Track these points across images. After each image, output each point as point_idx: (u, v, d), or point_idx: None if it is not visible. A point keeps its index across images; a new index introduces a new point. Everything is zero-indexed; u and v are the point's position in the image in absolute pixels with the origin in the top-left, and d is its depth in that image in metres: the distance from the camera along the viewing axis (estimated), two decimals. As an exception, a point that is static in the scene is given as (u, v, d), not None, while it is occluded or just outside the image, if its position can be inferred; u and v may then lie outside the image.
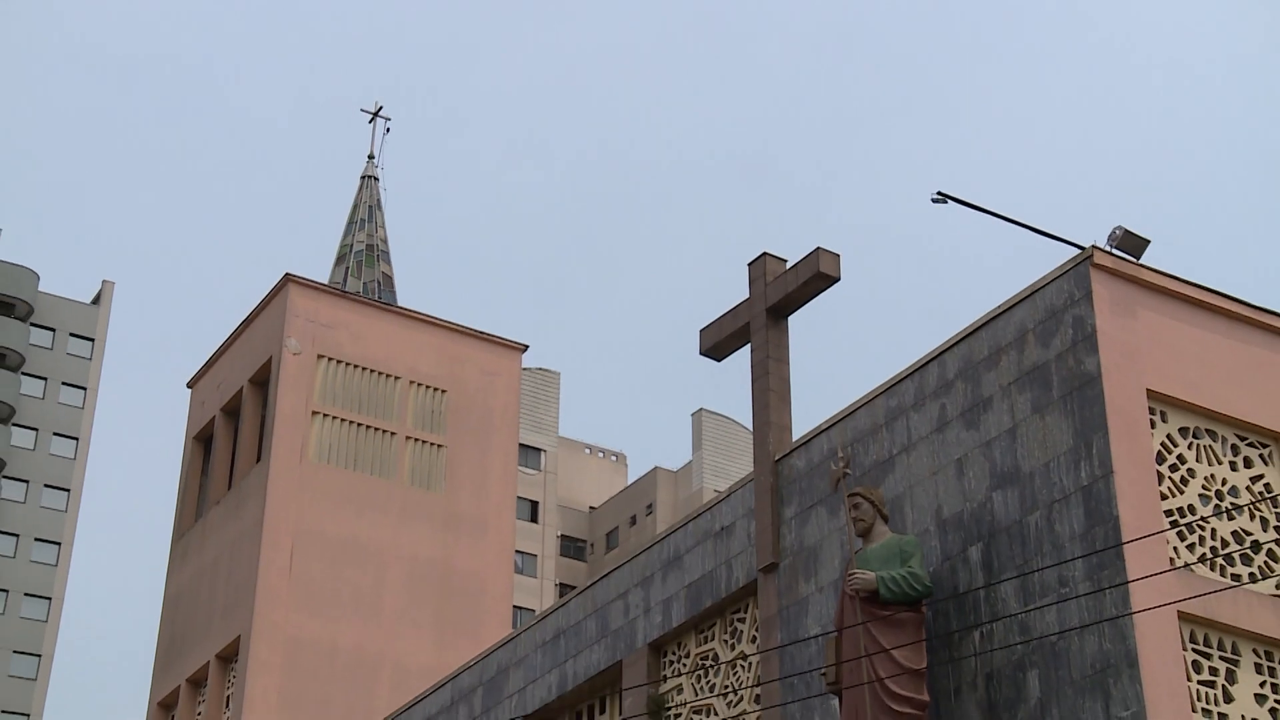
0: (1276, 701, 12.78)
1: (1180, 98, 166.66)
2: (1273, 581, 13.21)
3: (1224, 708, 12.54)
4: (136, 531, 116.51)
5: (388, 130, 35.29)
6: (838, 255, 16.30)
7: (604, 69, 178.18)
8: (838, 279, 16.32)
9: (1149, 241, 13.96)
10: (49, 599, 72.34)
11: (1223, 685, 12.62)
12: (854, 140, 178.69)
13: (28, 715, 69.77)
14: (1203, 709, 12.42)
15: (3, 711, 69.16)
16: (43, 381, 75.92)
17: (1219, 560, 13.05)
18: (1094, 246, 13.64)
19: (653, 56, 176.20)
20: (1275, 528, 13.49)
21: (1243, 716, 12.57)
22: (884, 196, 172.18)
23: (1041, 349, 13.66)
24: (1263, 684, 12.81)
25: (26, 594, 71.91)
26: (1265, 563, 13.29)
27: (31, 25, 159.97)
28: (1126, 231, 13.87)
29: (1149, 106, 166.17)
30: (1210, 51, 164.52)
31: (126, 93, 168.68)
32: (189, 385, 33.14)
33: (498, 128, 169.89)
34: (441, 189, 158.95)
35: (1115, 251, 13.78)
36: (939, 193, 14.01)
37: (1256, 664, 12.86)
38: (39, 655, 71.15)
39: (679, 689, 17.07)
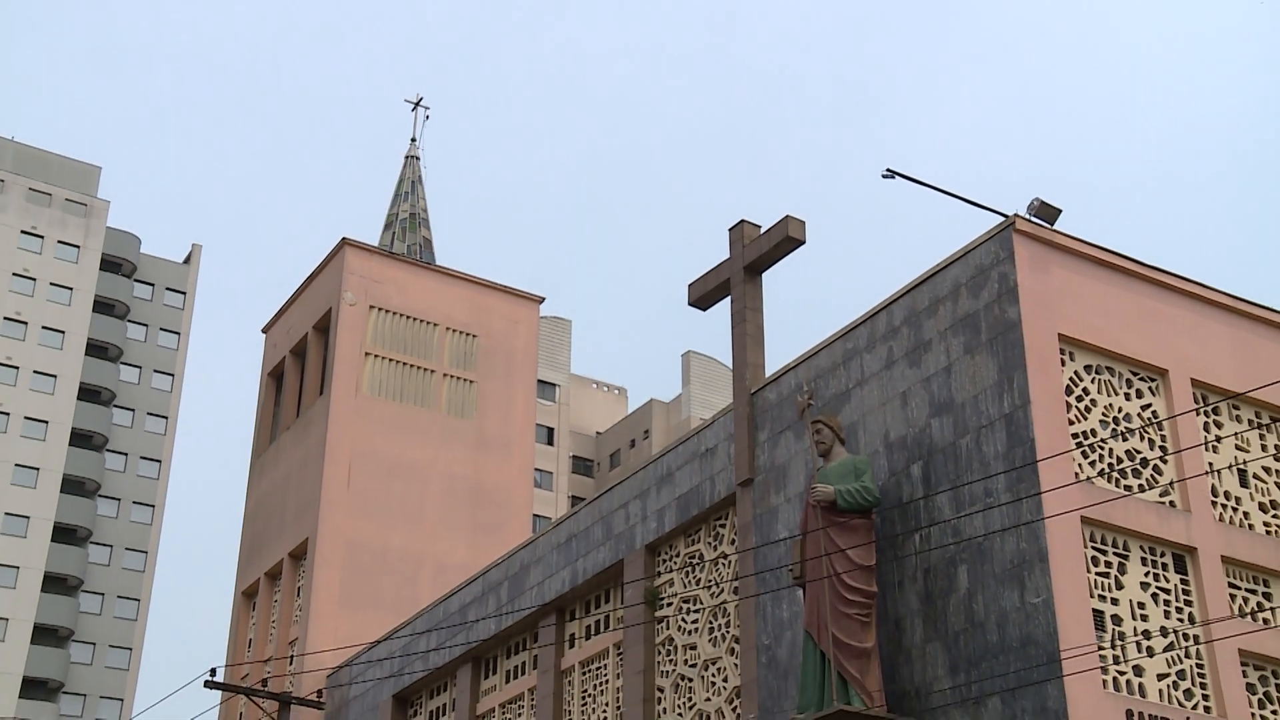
0: (1158, 588, 12.88)
1: (1088, 89, 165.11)
2: (1157, 491, 13.26)
3: (1116, 594, 12.63)
4: (222, 451, 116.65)
5: (427, 117, 34.84)
6: (804, 221, 16.19)
7: (610, 63, 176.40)
8: (804, 242, 16.22)
9: (1061, 210, 13.88)
10: (153, 506, 72.61)
11: (1115, 576, 12.71)
12: (820, 125, 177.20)
13: (138, 600, 70.33)
14: (1099, 595, 12.50)
15: (118, 597, 69.71)
16: (144, 327, 75.79)
17: (1115, 474, 13.08)
18: (1016, 215, 13.56)
19: (652, 52, 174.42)
20: (1160, 447, 13.52)
21: (1131, 600, 12.67)
22: (844, 172, 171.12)
23: (972, 300, 13.60)
24: (1147, 574, 12.91)
25: (135, 502, 72.20)
26: (1151, 476, 13.34)
27: (130, 29, 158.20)
28: (1043, 202, 13.78)
29: (1061, 96, 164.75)
30: (1125, 48, 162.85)
31: (211, 89, 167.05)
32: (263, 331, 33.01)
33: (520, 115, 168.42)
34: (472, 166, 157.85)
35: (1033, 219, 13.70)
36: (888, 169, 13.87)
37: (1143, 558, 12.94)
38: (145, 552, 71.55)
39: (671, 583, 17.13)
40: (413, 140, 34.78)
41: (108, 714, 66.89)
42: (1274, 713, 12.91)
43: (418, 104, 34.88)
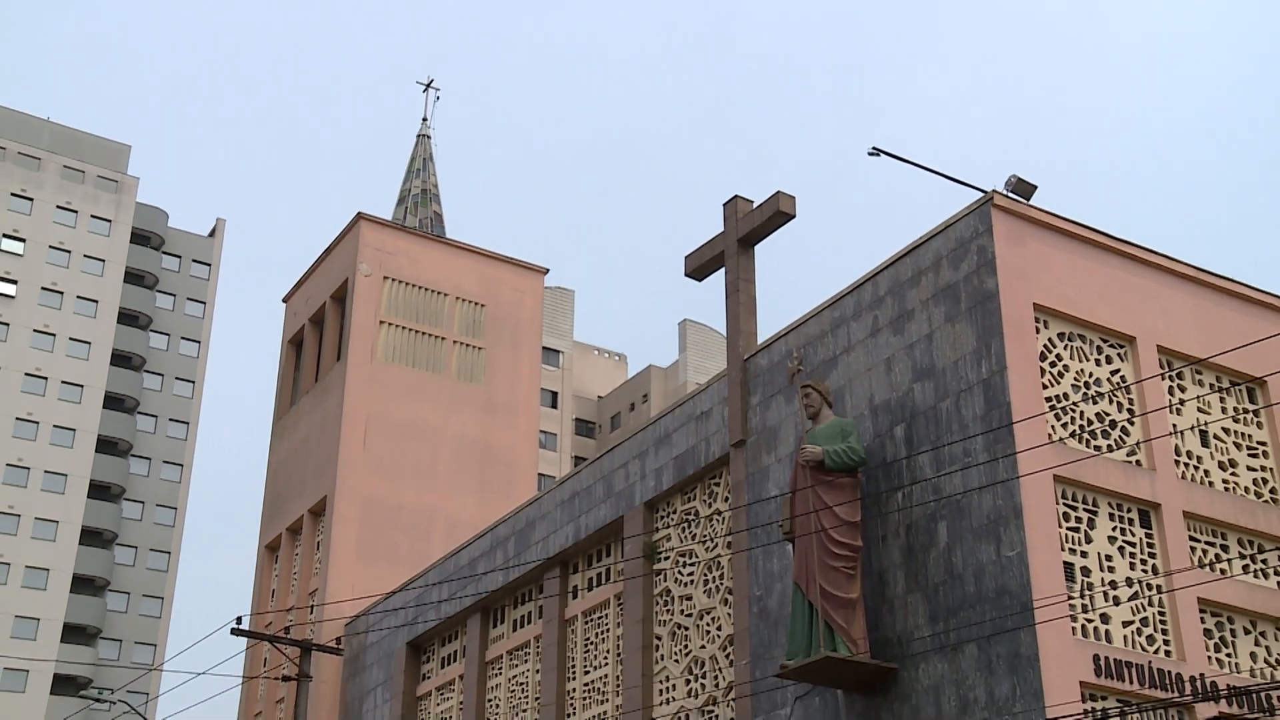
0: (1125, 541, 12.92)
1: (1068, 72, 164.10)
2: (1124, 451, 13.27)
3: (1085, 547, 12.66)
4: (245, 414, 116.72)
5: (438, 98, 34.70)
6: (794, 197, 16.13)
7: (613, 47, 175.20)
8: (794, 216, 16.16)
9: (1036, 186, 13.81)
10: (181, 465, 72.75)
11: (1085, 530, 12.73)
12: (810, 106, 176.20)
13: (169, 553, 70.69)
14: (1069, 548, 12.53)
15: (150, 550, 70.01)
16: (172, 297, 75.69)
17: (1085, 435, 13.08)
18: (994, 190, 13.49)
19: (652, 39, 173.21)
20: (1128, 410, 13.51)
21: (1099, 553, 12.71)
22: (832, 150, 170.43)
23: (952, 271, 13.54)
24: (1114, 529, 12.94)
25: (165, 461, 72.35)
26: (1119, 437, 13.35)
27: (157, 16, 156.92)
28: (1020, 179, 13.71)
29: (1042, 78, 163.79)
30: (1107, 33, 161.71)
31: (234, 72, 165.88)
32: (284, 300, 32.93)
33: (526, 95, 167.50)
34: (480, 144, 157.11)
35: (1011, 195, 13.62)
36: (874, 148, 13.77)
37: (1110, 514, 12.97)
38: (175, 508, 71.79)
39: (668, 537, 17.17)
40: (424, 120, 34.57)
41: (142, 658, 67.35)
42: (1229, 656, 12.99)
43: (429, 86, 34.63)
